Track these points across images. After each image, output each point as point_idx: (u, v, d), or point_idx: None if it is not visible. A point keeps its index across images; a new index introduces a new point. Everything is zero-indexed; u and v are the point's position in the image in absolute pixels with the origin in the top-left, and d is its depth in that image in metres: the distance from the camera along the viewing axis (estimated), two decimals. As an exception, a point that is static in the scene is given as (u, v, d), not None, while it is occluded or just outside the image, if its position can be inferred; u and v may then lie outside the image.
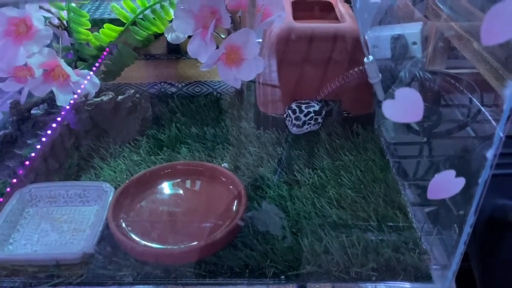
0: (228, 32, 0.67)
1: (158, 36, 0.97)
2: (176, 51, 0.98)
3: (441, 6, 0.85)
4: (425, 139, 0.78)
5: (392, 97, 0.80)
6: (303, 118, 0.67)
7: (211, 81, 0.87)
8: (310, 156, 0.69)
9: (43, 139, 0.63)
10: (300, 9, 0.81)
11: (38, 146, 0.61)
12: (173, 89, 0.86)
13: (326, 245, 0.53)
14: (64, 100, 0.66)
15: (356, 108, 0.74)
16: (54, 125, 0.64)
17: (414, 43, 1.02)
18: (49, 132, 0.63)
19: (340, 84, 0.72)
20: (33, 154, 0.61)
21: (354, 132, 0.73)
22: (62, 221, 0.57)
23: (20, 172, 0.59)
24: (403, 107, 0.38)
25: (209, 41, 0.63)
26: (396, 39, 0.92)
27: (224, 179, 0.60)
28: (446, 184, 0.41)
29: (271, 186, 0.63)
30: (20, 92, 0.68)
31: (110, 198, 0.57)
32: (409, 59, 0.91)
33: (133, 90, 0.73)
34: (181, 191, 0.60)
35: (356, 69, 0.70)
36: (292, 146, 0.71)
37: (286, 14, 0.73)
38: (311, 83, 0.72)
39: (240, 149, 0.71)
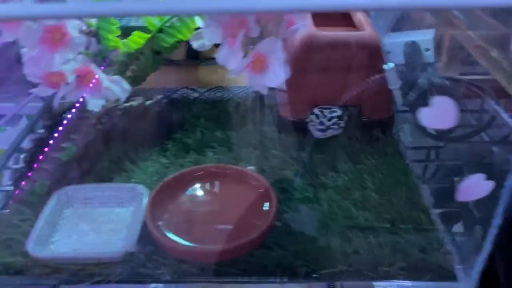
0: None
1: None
2: (195, 57, 1.01)
3: (457, 14, 0.88)
4: (441, 144, 0.80)
5: (410, 102, 0.82)
6: (327, 123, 0.69)
7: (232, 87, 0.89)
8: (332, 159, 0.71)
9: (78, 143, 0.65)
10: (319, 17, 0.83)
11: (74, 149, 0.63)
12: (196, 94, 0.88)
13: (355, 245, 0.55)
14: (96, 105, 0.69)
15: (376, 113, 0.77)
16: (87, 129, 0.66)
17: (427, 49, 1.05)
18: (83, 135, 0.65)
19: (360, 90, 0.75)
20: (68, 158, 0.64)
21: (373, 136, 0.76)
22: (99, 222, 0.59)
23: (58, 174, 0.62)
24: (438, 114, 0.40)
25: (238, 49, 0.65)
26: (409, 45, 0.95)
27: (253, 182, 0.63)
28: (476, 186, 0.44)
29: (297, 188, 0.65)
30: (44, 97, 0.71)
31: (145, 199, 0.60)
32: (422, 65, 0.94)
33: (160, 96, 0.76)
34: (214, 192, 0.63)
35: (376, 76, 0.73)
36: (314, 149, 0.73)
37: (308, 22, 0.76)
38: (332, 89, 0.75)
39: (264, 153, 0.73)
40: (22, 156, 0.72)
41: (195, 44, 0.78)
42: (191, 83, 0.91)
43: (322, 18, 0.84)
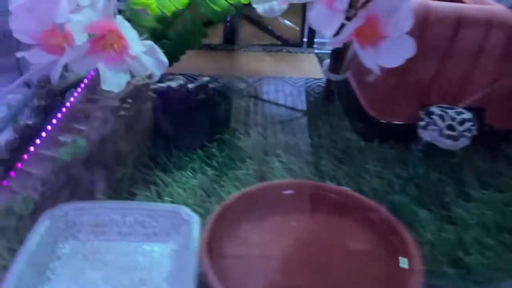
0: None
1: (213, 23, 0.78)
2: (233, 41, 0.79)
3: None
4: None
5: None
6: (459, 128, 0.47)
7: (290, 78, 0.67)
8: (457, 183, 0.49)
9: (87, 136, 0.41)
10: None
11: (83, 144, 0.39)
12: (243, 85, 0.66)
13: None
14: (116, 83, 0.45)
15: (504, 121, 0.55)
16: (102, 117, 0.43)
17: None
18: (96, 127, 0.42)
19: (489, 87, 0.53)
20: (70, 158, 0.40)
21: (503, 153, 0.54)
22: (118, 266, 0.36)
23: (52, 184, 0.38)
24: None
25: (343, 7, 0.43)
26: None
27: (373, 217, 0.39)
28: None
29: (423, 223, 0.43)
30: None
31: (196, 231, 0.36)
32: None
33: (208, 79, 0.53)
34: (313, 228, 0.40)
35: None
36: (428, 166, 0.51)
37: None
38: (449, 83, 0.53)
39: (355, 168, 0.51)
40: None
41: (260, 8, 0.56)
42: (234, 71, 0.69)
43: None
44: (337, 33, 0.46)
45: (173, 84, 0.48)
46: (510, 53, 0.52)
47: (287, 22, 0.81)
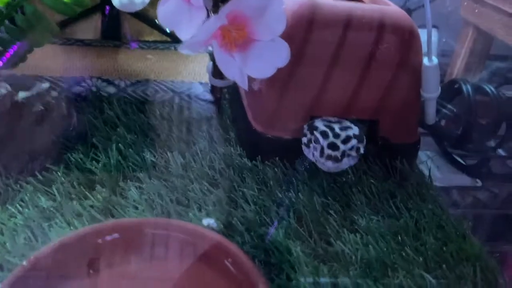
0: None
1: (89, 12, 0.68)
2: (115, 36, 0.70)
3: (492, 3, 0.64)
4: (479, 182, 0.55)
5: (447, 120, 0.56)
6: (342, 147, 0.41)
7: (171, 81, 0.58)
8: (344, 208, 0.43)
9: None
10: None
11: None
12: (112, 89, 0.56)
13: None
14: None
15: (399, 134, 0.49)
16: None
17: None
18: None
19: (382, 97, 0.48)
20: None
21: (396, 169, 0.49)
22: None
23: None
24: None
25: (199, 3, 0.35)
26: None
27: (222, 257, 0.32)
28: None
29: (296, 263, 0.36)
30: None
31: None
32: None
33: (48, 85, 0.43)
34: (147, 280, 0.31)
35: (407, 75, 0.47)
36: (313, 189, 0.44)
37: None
38: (340, 93, 0.47)
39: (230, 193, 0.43)
40: None
41: (117, 1, 0.46)
42: (109, 72, 0.59)
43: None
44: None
45: (-8, 93, 0.37)
46: (404, 59, 0.47)
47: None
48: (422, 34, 0.51)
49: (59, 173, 0.42)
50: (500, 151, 0.65)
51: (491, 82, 0.80)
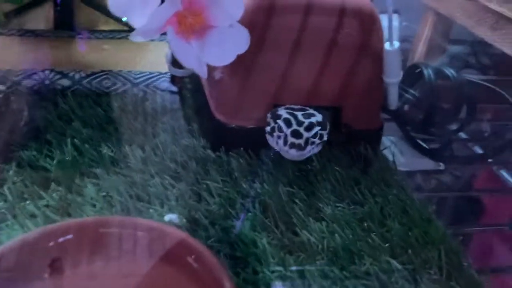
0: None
1: (41, 1, 0.64)
2: (69, 26, 0.67)
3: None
4: (442, 166, 0.56)
5: (409, 105, 0.56)
6: (305, 134, 0.40)
7: (129, 72, 0.56)
8: (309, 196, 0.43)
9: None
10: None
11: None
12: (66, 82, 0.53)
13: None
14: None
15: (362, 121, 0.49)
16: None
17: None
18: None
19: (344, 83, 0.47)
20: None
21: (362, 156, 0.49)
22: None
23: None
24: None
25: (150, -13, 0.33)
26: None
27: (183, 253, 0.31)
28: None
29: (262, 255, 0.35)
30: None
31: None
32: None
33: (-8, 78, 0.40)
34: (108, 279, 0.29)
35: (369, 61, 0.46)
36: (278, 178, 0.43)
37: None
38: (302, 80, 0.46)
39: (193, 186, 0.42)
40: None
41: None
42: (62, 64, 0.56)
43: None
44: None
45: None
46: (365, 44, 0.46)
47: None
48: (383, 19, 0.51)
49: (10, 172, 0.40)
50: (462, 134, 0.67)
51: (452, 66, 0.82)
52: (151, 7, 0.34)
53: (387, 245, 0.38)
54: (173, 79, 0.55)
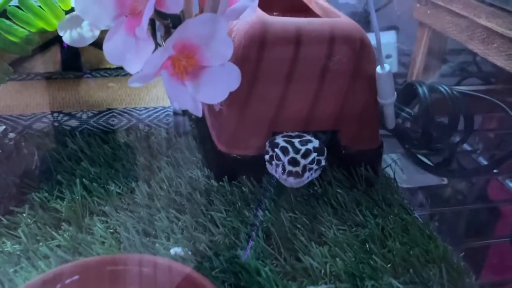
0: (167, 27, 0.40)
1: (48, 45, 0.67)
2: (76, 67, 0.69)
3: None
4: (445, 180, 0.56)
5: (408, 122, 0.57)
6: (302, 161, 0.41)
7: (134, 108, 0.58)
8: (311, 221, 0.44)
9: None
10: (264, 5, 0.56)
11: None
12: (74, 122, 0.55)
13: None
14: None
15: (360, 142, 0.50)
16: None
17: (389, 56, 0.83)
18: None
19: (340, 107, 0.48)
20: None
21: (361, 176, 0.50)
22: None
23: None
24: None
25: (144, 35, 0.35)
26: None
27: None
28: None
29: (266, 284, 0.36)
30: None
31: None
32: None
33: (3, 127, 0.42)
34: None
35: (363, 84, 0.48)
36: (280, 205, 0.45)
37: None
38: (298, 107, 0.48)
39: (197, 217, 0.43)
40: None
41: (67, 37, 0.46)
42: (70, 105, 0.59)
43: (266, 6, 0.56)
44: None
45: None
46: (357, 69, 0.48)
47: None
48: (382, 37, 0.52)
49: (24, 215, 0.42)
50: (466, 146, 0.67)
51: (453, 77, 0.82)
52: (145, 55, 0.36)
53: (389, 265, 0.39)
54: (176, 112, 0.57)
